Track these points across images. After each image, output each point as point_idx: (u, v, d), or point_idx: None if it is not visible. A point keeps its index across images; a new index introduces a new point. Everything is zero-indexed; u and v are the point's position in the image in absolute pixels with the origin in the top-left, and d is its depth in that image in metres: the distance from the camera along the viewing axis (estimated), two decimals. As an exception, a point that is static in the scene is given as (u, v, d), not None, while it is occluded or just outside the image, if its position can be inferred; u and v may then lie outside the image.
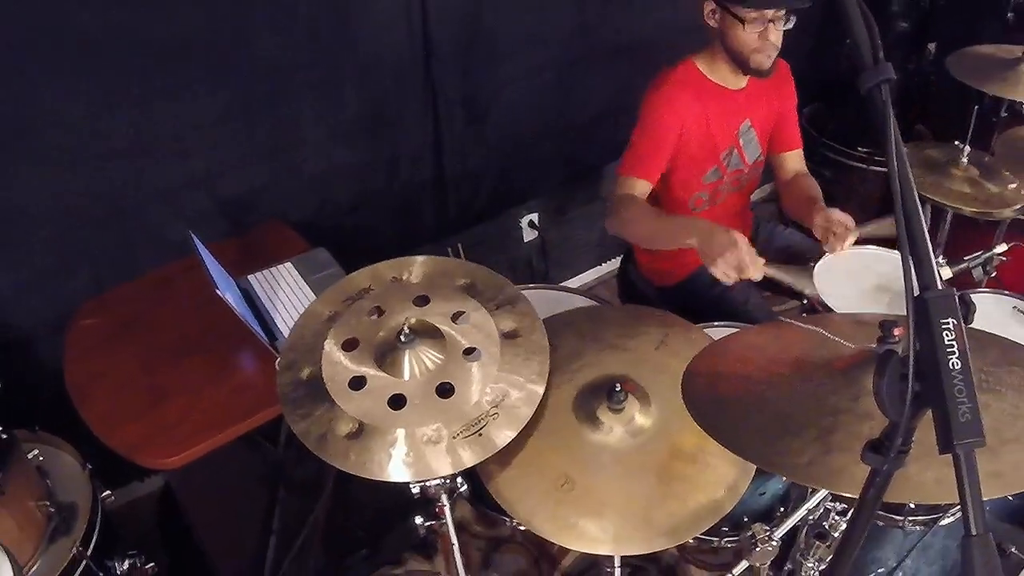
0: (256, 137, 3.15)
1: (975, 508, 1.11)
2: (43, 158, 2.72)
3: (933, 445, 1.12)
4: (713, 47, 2.91)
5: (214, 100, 2.98)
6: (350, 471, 1.87)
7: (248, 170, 3.18)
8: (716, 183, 3.10)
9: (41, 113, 2.66)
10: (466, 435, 1.92)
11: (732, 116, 3.03)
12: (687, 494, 2.05)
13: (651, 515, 2.01)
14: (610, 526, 1.98)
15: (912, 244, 1.17)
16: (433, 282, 2.25)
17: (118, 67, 2.74)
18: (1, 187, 2.68)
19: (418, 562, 3.33)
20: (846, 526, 1.89)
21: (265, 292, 2.79)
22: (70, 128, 2.73)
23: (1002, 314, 3.04)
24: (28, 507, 2.42)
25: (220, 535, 2.83)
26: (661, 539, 2.00)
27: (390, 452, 1.88)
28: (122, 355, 2.64)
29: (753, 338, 2.13)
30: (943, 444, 1.12)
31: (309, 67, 3.15)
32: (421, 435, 1.91)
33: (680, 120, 2.88)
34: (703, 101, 2.93)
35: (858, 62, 1.28)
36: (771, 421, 1.73)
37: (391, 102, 3.44)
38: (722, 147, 3.05)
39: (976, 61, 3.50)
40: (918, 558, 2.87)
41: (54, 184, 2.77)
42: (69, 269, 2.91)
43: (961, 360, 1.12)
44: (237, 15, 2.90)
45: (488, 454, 1.91)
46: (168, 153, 2.96)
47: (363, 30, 3.21)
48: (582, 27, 3.89)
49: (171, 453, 2.37)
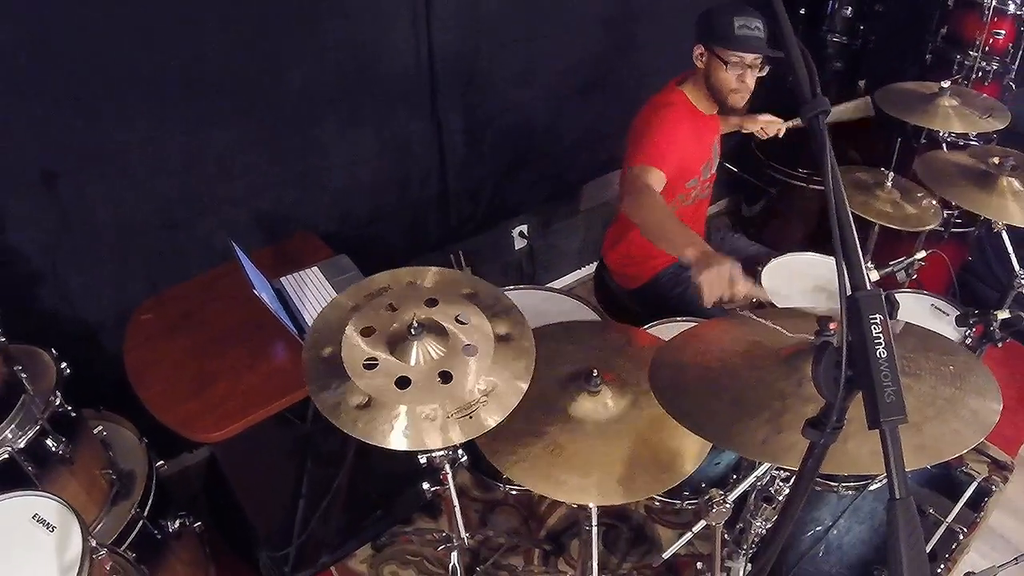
0: (287, 160, 3.14)
1: (899, 475, 1.11)
2: (109, 179, 2.72)
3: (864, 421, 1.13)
4: (697, 82, 2.95)
5: (252, 129, 2.97)
6: (357, 436, 1.88)
7: (281, 188, 3.17)
8: (693, 188, 3.14)
9: (108, 142, 2.66)
10: (458, 416, 1.93)
11: (708, 135, 3.10)
12: (654, 458, 2.08)
13: (624, 474, 2.03)
14: (591, 484, 2.01)
15: (845, 251, 1.17)
16: (443, 288, 2.25)
17: (171, 101, 2.73)
18: (75, 203, 2.68)
19: (425, 522, 3.32)
20: (789, 491, 1.90)
21: (295, 292, 2.78)
22: (131, 153, 2.73)
23: (922, 310, 3.05)
24: (94, 475, 2.42)
25: (257, 498, 2.83)
26: (632, 493, 2.03)
27: (392, 424, 1.90)
28: (174, 345, 2.64)
29: (709, 332, 2.13)
30: (871, 421, 1.12)
31: (334, 101, 3.14)
32: (420, 412, 1.92)
33: (683, 137, 2.92)
34: (691, 122, 2.98)
35: (799, 96, 1.28)
36: (727, 405, 1.73)
37: (403, 131, 3.43)
38: (702, 160, 3.09)
39: (899, 96, 3.51)
40: (850, 518, 2.86)
41: (117, 200, 2.77)
42: (129, 272, 2.90)
43: (887, 350, 1.12)
44: (271, 57, 2.89)
45: (476, 434, 1.93)
46: (213, 174, 2.96)
47: (380, 70, 3.21)
48: (563, 69, 3.89)
49: (215, 428, 2.36)
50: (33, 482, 2.18)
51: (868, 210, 3.30)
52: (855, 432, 1.24)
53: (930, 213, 3.30)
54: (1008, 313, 2.90)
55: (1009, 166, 2.93)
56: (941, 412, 1.68)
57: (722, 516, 2.29)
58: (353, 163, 3.34)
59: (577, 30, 3.21)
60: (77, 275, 2.79)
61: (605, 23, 3.88)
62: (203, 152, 2.90)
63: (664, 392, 1.84)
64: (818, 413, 1.24)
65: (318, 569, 3.11)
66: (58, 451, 2.24)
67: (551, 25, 3.45)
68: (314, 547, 3.07)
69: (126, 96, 2.63)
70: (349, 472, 2.89)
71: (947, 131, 3.53)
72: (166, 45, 2.64)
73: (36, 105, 2.47)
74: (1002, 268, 3.06)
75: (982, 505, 2.97)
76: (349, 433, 1.90)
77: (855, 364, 1.15)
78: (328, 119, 3.17)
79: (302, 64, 2.98)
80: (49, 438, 2.23)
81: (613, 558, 3.19)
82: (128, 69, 2.60)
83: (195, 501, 3.16)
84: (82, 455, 2.36)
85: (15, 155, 2.50)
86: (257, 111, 2.97)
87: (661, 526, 3.32)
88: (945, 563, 2.78)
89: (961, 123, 3.36)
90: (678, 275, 3.25)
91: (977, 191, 2.89)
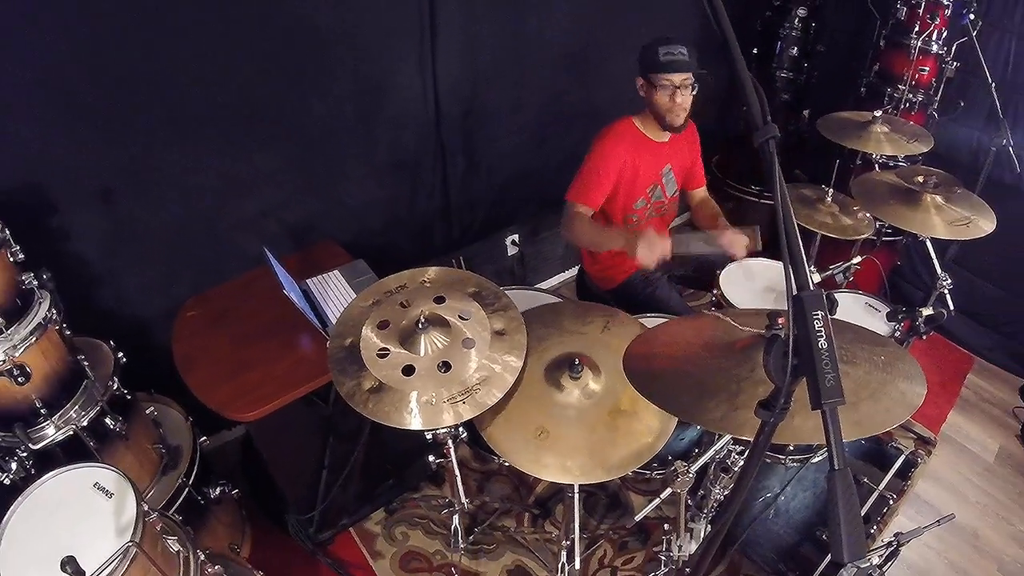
0: (312, 179, 3.13)
1: (838, 449, 1.11)
2: (158, 195, 2.71)
3: (808, 402, 1.13)
4: (645, 111, 2.96)
5: (281, 151, 2.97)
6: (367, 416, 1.91)
7: (306, 203, 3.17)
8: (644, 208, 3.12)
9: (158, 164, 2.66)
10: (454, 401, 1.95)
11: (657, 161, 3.06)
12: (628, 439, 2.06)
13: (603, 454, 2.03)
14: (574, 464, 2.00)
15: (791, 256, 1.17)
16: (450, 287, 2.27)
17: (212, 129, 2.74)
18: (130, 216, 2.67)
19: (431, 489, 3.32)
20: (743, 462, 1.90)
21: (319, 292, 2.78)
22: (177, 174, 2.72)
23: (857, 308, 3.05)
24: (146, 449, 2.42)
25: (286, 470, 2.82)
26: (610, 472, 2.03)
27: (397, 406, 1.92)
28: (215, 338, 2.64)
29: (676, 327, 2.13)
30: (814, 402, 1.12)
31: (353, 129, 3.14)
32: (421, 396, 1.94)
33: (619, 163, 2.92)
34: (636, 149, 2.97)
35: (752, 123, 1.28)
36: (691, 387, 1.73)
37: (411, 154, 3.43)
38: (648, 183, 3.07)
39: (838, 123, 3.51)
40: (796, 486, 2.87)
41: (166, 213, 2.76)
42: (176, 275, 2.89)
43: (827, 341, 1.13)
44: (300, 92, 2.89)
45: (470, 417, 1.95)
46: (248, 190, 2.95)
47: (392, 103, 3.21)
48: (547, 101, 3.89)
49: (250, 409, 2.37)
50: (94, 455, 2.19)
51: (811, 221, 3.31)
52: (800, 410, 1.24)
53: (864, 224, 3.31)
54: (931, 310, 2.92)
55: (932, 184, 2.94)
56: (874, 394, 1.69)
57: (686, 484, 2.30)
58: (368, 181, 3.34)
59: (556, 69, 3.22)
60: (131, 278, 2.79)
61: (579, 64, 3.89)
62: (238, 172, 2.89)
63: (637, 377, 1.84)
64: (768, 396, 1.25)
65: (339, 530, 3.10)
66: (115, 428, 2.25)
67: (535, 66, 3.46)
68: (335, 511, 3.06)
69: (174, 125, 2.63)
70: (365, 447, 2.89)
71: (879, 154, 3.53)
72: (209, 83, 2.64)
73: (97, 133, 2.47)
74: (927, 272, 3.07)
75: (909, 475, 2.98)
76: (361, 413, 1.92)
77: (800, 354, 1.15)
78: (347, 144, 3.17)
79: (326, 98, 2.98)
80: (108, 417, 2.24)
81: (592, 520, 3.19)
82: (176, 103, 2.60)
83: (233, 472, 3.16)
84: (136, 432, 2.37)
85: (79, 175, 2.50)
86: (287, 137, 2.96)
87: (633, 493, 3.32)
88: (877, 525, 2.79)
89: (891, 147, 3.37)
90: (648, 277, 3.26)
91: (904, 207, 2.90)
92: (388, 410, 1.92)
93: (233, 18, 2.60)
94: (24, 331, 2.00)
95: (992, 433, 3.83)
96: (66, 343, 2.17)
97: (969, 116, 4.01)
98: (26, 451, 2.04)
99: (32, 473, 2.01)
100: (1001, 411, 3.97)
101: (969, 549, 3.24)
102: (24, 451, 2.03)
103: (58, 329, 2.13)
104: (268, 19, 2.69)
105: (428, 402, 1.94)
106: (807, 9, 4.23)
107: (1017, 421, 3.90)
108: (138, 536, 1.58)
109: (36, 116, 2.33)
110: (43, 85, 2.30)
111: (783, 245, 1.19)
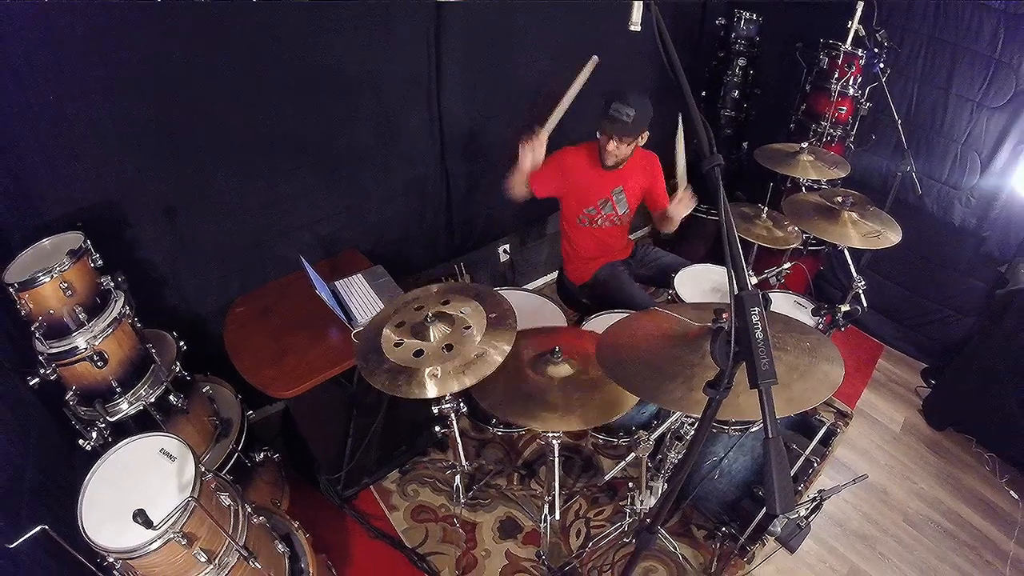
0: (339, 199, 3.12)
1: (771, 421, 1.13)
2: (211, 212, 2.70)
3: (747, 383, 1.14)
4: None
5: (313, 174, 2.95)
6: (384, 390, 1.96)
7: (334, 218, 3.15)
8: (594, 215, 3.18)
9: (212, 185, 2.65)
10: (455, 374, 1.99)
11: (605, 182, 3.11)
12: (599, 407, 2.13)
13: (580, 414, 2.10)
14: (558, 420, 2.08)
15: (733, 262, 1.19)
16: (455, 293, 2.34)
17: (256, 157, 2.73)
18: (188, 229, 2.66)
19: (437, 454, 3.31)
20: (694, 432, 1.92)
21: (345, 292, 2.78)
22: (228, 194, 2.71)
23: (788, 304, 3.07)
24: (203, 421, 2.42)
25: (318, 437, 2.81)
26: (585, 423, 2.12)
27: (409, 380, 1.97)
28: (259, 329, 2.63)
29: (639, 320, 2.13)
30: (752, 382, 1.14)
31: (373, 156, 3.13)
32: (428, 372, 1.99)
33: (565, 169, 3.05)
34: (588, 165, 3.07)
35: (700, 153, 1.30)
36: (653, 372, 1.74)
37: (421, 178, 3.42)
38: (599, 197, 3.13)
39: (772, 153, 3.52)
40: (737, 452, 2.88)
41: (217, 227, 2.75)
42: (227, 278, 2.88)
43: (763, 333, 1.14)
44: (330, 127, 2.89)
45: (464, 387, 1.99)
46: (286, 208, 2.94)
47: (405, 137, 3.20)
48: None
49: (289, 388, 2.37)
50: (160, 426, 2.19)
51: (750, 234, 3.33)
52: (742, 390, 1.25)
53: (793, 236, 3.33)
54: (848, 307, 2.94)
55: (848, 203, 2.95)
56: (802, 375, 1.70)
57: (647, 450, 2.31)
58: (385, 200, 3.32)
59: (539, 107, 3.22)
60: (190, 280, 2.77)
61: (557, 102, 3.88)
62: (278, 192, 2.87)
63: (607, 363, 1.85)
64: (714, 377, 1.26)
65: (361, 488, 3.11)
66: (177, 404, 2.25)
67: (524, 102, 3.45)
68: (358, 472, 3.06)
69: (225, 153, 2.62)
70: (383, 419, 2.88)
71: (805, 178, 3.54)
72: (253, 118, 2.63)
73: (162, 161, 2.46)
74: (844, 275, 3.08)
75: (830, 442, 2.98)
76: (380, 388, 1.97)
77: (740, 342, 1.17)
78: (367, 169, 3.16)
79: (348, 130, 2.97)
80: (171, 395, 2.24)
81: (569, 479, 3.20)
82: (226, 134, 2.59)
83: (274, 440, 3.15)
84: (194, 407, 2.36)
85: (148, 196, 2.49)
86: (319, 165, 2.95)
87: (604, 457, 3.32)
88: (804, 483, 2.80)
89: (815, 172, 3.38)
90: (612, 271, 3.30)
91: (826, 222, 2.91)
92: (402, 383, 1.96)
93: (279, 67, 2.60)
94: (102, 324, 2.02)
95: (898, 408, 3.86)
96: (137, 334, 2.17)
97: (879, 147, 4.04)
98: (104, 423, 2.04)
99: (109, 441, 2.01)
100: (906, 390, 3.99)
101: (879, 503, 3.27)
102: (102, 423, 2.04)
103: (130, 322, 2.14)
104: (308, 69, 2.68)
105: (435, 374, 1.98)
106: (746, 59, 4.25)
107: (918, 398, 3.92)
108: (196, 492, 1.58)
109: (112, 147, 2.32)
110: (117, 121, 2.29)
111: (727, 253, 1.20)
